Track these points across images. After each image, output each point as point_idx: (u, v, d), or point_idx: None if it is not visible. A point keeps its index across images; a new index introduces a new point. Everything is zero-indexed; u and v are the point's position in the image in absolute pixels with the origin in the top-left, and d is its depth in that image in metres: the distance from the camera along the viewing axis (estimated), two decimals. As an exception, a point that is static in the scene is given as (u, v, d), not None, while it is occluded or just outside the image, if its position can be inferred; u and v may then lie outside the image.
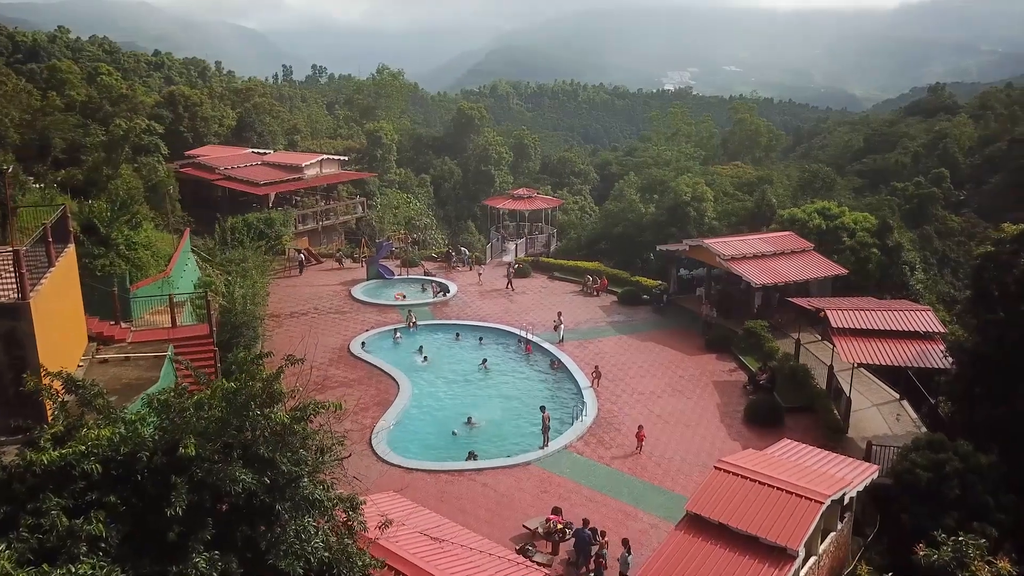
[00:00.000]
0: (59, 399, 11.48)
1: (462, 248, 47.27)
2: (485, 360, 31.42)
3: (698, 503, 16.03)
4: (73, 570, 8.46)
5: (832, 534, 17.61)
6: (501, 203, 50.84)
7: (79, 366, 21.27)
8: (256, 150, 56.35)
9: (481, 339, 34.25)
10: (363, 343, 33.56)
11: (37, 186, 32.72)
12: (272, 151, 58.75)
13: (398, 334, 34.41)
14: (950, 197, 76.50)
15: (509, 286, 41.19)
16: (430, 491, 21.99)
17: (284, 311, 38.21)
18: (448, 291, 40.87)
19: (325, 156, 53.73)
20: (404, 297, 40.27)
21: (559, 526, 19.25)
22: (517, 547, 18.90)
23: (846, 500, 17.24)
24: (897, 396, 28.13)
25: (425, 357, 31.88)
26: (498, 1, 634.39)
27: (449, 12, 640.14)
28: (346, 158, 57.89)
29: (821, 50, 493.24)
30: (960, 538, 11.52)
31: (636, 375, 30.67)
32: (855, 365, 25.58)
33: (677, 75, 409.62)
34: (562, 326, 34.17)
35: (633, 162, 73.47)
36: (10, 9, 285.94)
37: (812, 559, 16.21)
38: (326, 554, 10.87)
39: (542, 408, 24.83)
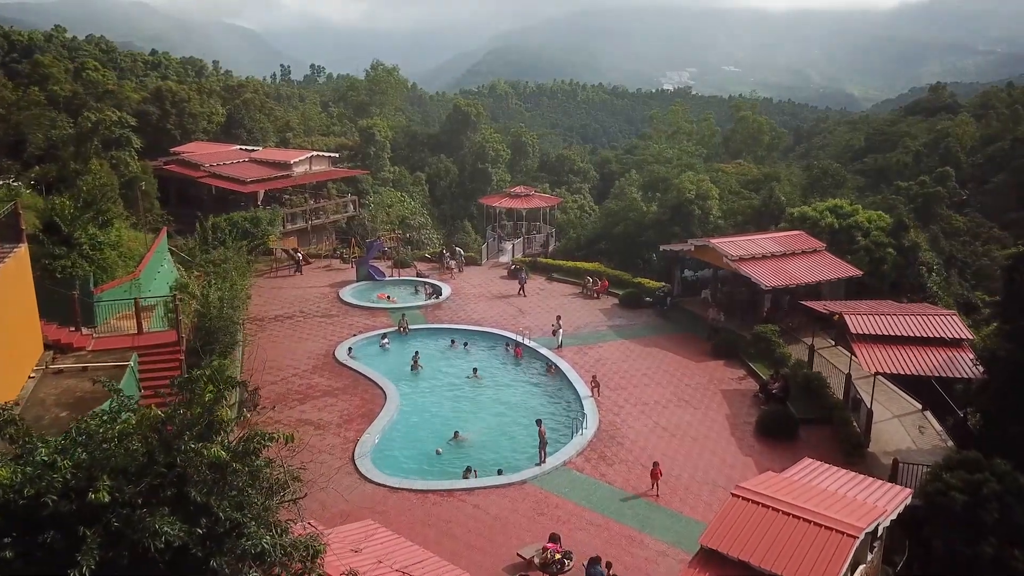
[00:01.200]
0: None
1: (456, 248, 45.38)
2: (476, 369, 29.48)
3: (714, 536, 14.15)
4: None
5: (861, 567, 15.71)
6: (498, 201, 48.97)
7: (30, 377, 19.39)
8: (244, 147, 54.44)
9: (466, 344, 32.34)
10: (350, 349, 31.69)
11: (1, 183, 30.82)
12: (261, 148, 56.84)
13: (385, 339, 32.51)
14: (954, 196, 74.96)
15: (521, 292, 38.84)
16: (416, 513, 20.11)
17: (268, 314, 36.31)
18: (441, 293, 39.01)
19: (315, 153, 51.80)
20: (389, 298, 38.49)
21: (556, 556, 17.38)
22: (511, 580, 17.07)
23: (880, 531, 15.38)
24: (920, 407, 26.35)
25: (416, 363, 29.83)
26: (496, 2, 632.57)
27: (446, 12, 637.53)
28: (336, 155, 55.99)
29: (819, 50, 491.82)
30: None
31: (639, 383, 28.81)
32: (875, 374, 23.74)
33: (675, 75, 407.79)
34: (561, 331, 32.30)
35: (633, 160, 71.67)
36: (6, 9, 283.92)
37: (842, 598, 14.34)
38: (275, 617, 9.01)
39: (538, 422, 22.92)
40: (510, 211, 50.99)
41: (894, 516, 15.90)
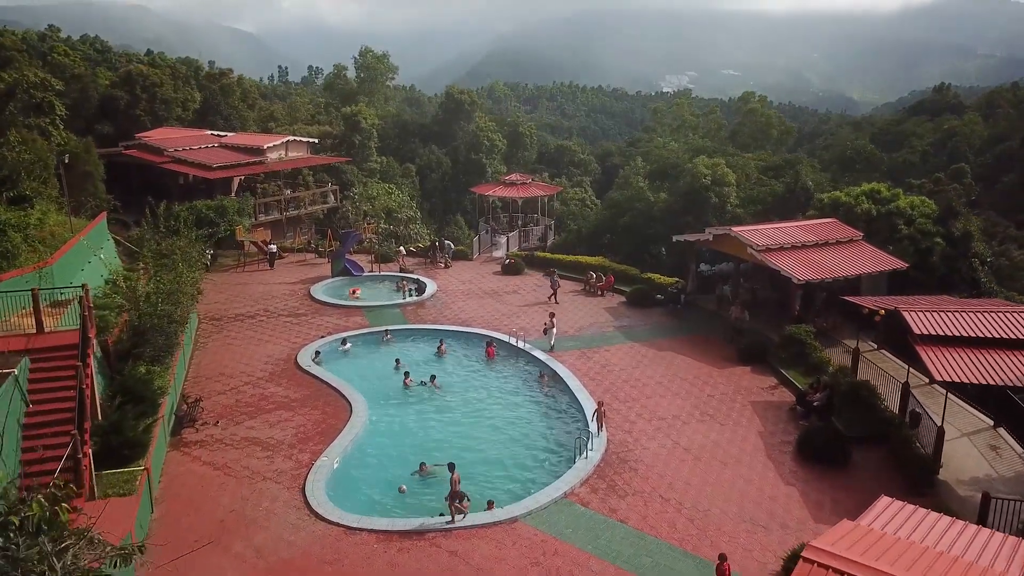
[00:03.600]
0: None
1: (446, 241, 41.06)
2: (434, 376, 24.85)
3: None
4: None
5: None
6: (491, 190, 44.51)
7: None
8: (215, 132, 50.09)
9: (441, 344, 28.09)
10: (317, 352, 27.34)
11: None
12: (234, 134, 52.50)
13: (346, 344, 28.18)
14: (970, 194, 71.23)
15: (553, 298, 33.43)
16: (377, 564, 15.69)
17: (228, 313, 32.01)
18: (424, 290, 34.69)
19: (291, 138, 47.46)
20: (353, 293, 34.49)
21: (556, 630, 12.95)
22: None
23: (1013, 610, 10.98)
24: (991, 422, 22.00)
25: (408, 378, 25.00)
26: (495, 4, 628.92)
27: (446, 15, 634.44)
28: (316, 141, 51.60)
29: (818, 53, 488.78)
30: None
31: (653, 393, 24.43)
32: (948, 383, 19.35)
33: (675, 78, 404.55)
34: (553, 330, 27.87)
35: (637, 152, 67.22)
36: (4, 12, 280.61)
37: None
38: None
39: (451, 467, 17.70)
40: (505, 203, 46.68)
41: (1023, 585, 11.53)
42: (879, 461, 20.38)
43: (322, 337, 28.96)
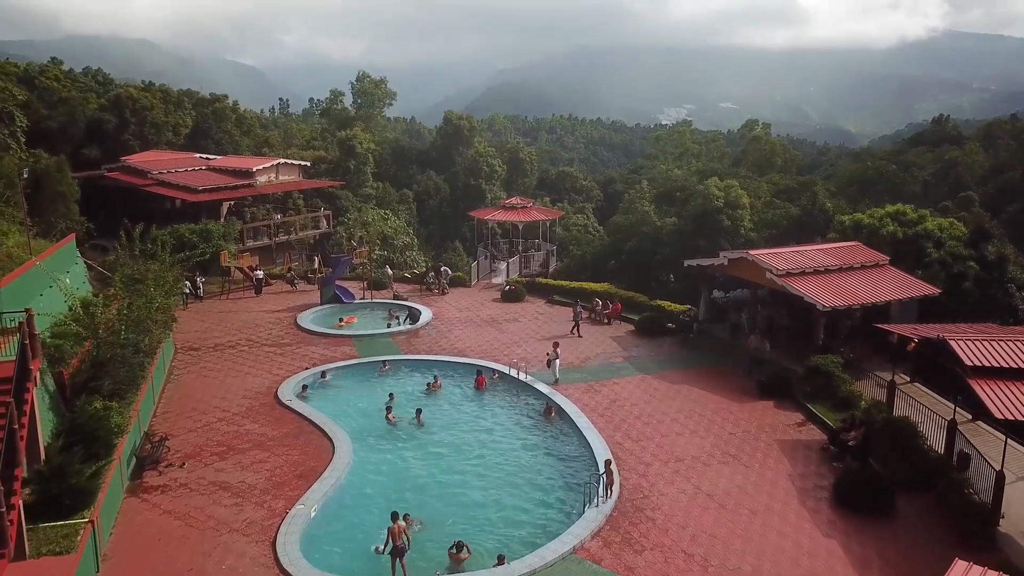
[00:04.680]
0: None
1: (442, 267, 39.06)
2: (420, 411, 22.61)
3: None
4: None
5: None
6: (490, 215, 42.60)
7: None
8: (204, 156, 48.36)
9: (436, 378, 25.73)
10: (304, 386, 25.08)
11: None
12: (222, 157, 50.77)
13: (326, 375, 26.01)
14: (979, 222, 69.51)
15: (575, 331, 30.93)
16: (352, 638, 13.28)
17: (207, 343, 29.81)
18: (418, 319, 32.55)
19: (281, 160, 45.69)
20: (341, 320, 32.39)
21: None
22: None
23: None
24: (1048, 464, 19.64)
25: (390, 413, 22.78)
26: (495, 39, 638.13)
27: (446, 51, 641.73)
28: (308, 164, 49.85)
29: (815, 88, 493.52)
30: None
31: (669, 431, 22.12)
32: (1005, 423, 17.11)
33: (673, 111, 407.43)
34: (557, 360, 25.65)
35: (641, 178, 65.62)
36: (12, 46, 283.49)
37: None
38: None
39: (393, 516, 15.25)
40: (505, 228, 44.80)
41: None
42: (926, 509, 18.02)
43: (306, 368, 26.77)
